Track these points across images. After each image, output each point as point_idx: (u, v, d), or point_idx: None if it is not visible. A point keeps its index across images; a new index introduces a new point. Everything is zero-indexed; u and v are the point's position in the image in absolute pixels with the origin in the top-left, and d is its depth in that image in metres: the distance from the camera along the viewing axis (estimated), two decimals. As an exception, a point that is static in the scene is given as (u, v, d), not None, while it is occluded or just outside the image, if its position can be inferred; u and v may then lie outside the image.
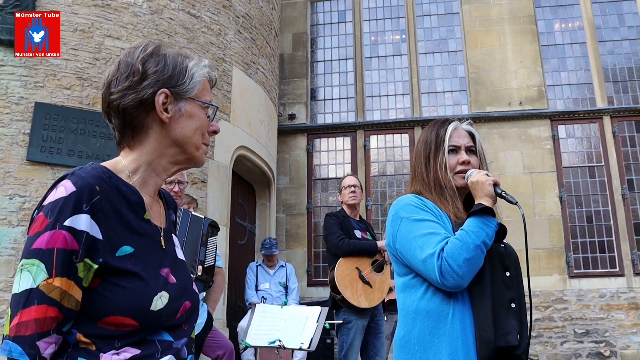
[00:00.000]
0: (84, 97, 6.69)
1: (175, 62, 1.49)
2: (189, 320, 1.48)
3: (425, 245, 2.07)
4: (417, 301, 2.11)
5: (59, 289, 1.24)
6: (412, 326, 2.09)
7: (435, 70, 11.32)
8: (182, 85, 1.47)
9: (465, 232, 2.05)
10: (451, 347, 2.00)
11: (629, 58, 10.87)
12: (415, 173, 2.35)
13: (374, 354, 5.44)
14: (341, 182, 5.84)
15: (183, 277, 1.49)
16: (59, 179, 1.35)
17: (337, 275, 5.23)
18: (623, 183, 10.05)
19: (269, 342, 4.73)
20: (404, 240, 2.14)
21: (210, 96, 1.55)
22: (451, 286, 2.01)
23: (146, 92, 1.43)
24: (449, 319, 2.03)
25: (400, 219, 2.18)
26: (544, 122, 10.48)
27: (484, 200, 2.14)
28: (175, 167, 1.53)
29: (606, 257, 9.85)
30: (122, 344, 1.30)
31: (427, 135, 2.36)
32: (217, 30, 8.28)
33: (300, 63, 11.59)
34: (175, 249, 1.56)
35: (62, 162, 6.39)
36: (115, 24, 7.04)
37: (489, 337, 1.97)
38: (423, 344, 2.05)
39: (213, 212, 7.64)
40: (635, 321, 9.38)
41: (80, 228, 1.27)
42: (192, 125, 1.48)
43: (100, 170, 1.38)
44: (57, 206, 1.28)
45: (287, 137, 11.07)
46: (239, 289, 8.48)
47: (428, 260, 2.03)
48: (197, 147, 1.50)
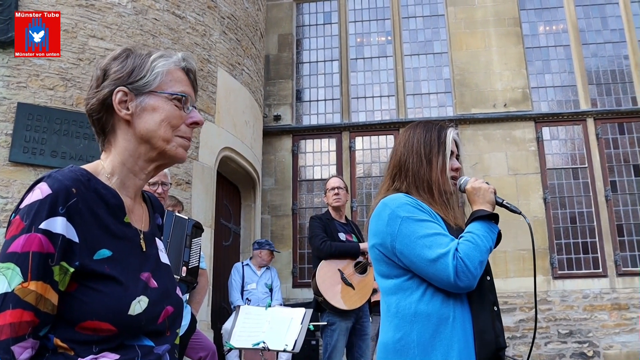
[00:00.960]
0: (67, 97, 6.64)
1: (137, 59, 1.46)
2: (172, 327, 1.46)
3: (434, 245, 2.02)
4: (415, 304, 2.06)
5: (35, 292, 1.22)
6: (410, 329, 2.04)
7: (420, 72, 11.35)
8: (142, 80, 1.44)
9: (477, 235, 2.05)
10: (455, 350, 1.98)
11: (612, 61, 10.96)
12: (406, 171, 2.27)
13: (359, 356, 5.44)
14: (326, 184, 5.82)
15: (165, 281, 1.47)
16: (36, 182, 1.33)
17: (318, 278, 5.24)
18: (606, 185, 10.12)
19: (253, 344, 4.72)
20: (407, 240, 2.06)
21: (184, 87, 1.50)
22: (464, 287, 1.99)
23: (104, 92, 1.43)
24: (449, 322, 2.01)
25: (399, 218, 2.10)
26: (529, 124, 10.54)
27: (485, 207, 2.14)
28: (151, 165, 1.49)
29: (590, 258, 9.92)
30: (100, 349, 1.28)
31: (425, 135, 2.29)
32: (202, 31, 8.25)
33: (286, 64, 11.58)
34: (158, 252, 1.53)
35: (45, 163, 6.33)
36: (99, 24, 7.00)
37: (490, 340, 1.98)
38: (424, 348, 2.00)
39: (198, 213, 7.61)
40: (618, 322, 9.45)
41: (56, 231, 1.25)
42: (156, 118, 1.44)
43: (78, 172, 1.36)
44: (32, 209, 1.27)
45: (272, 139, 11.05)
46: (223, 291, 8.44)
47: (440, 260, 1.99)
48: (165, 140, 1.45)
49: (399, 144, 2.37)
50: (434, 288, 2.06)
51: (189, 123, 1.50)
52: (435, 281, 2.03)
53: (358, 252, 5.40)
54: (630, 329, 9.39)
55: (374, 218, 2.22)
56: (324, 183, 6.06)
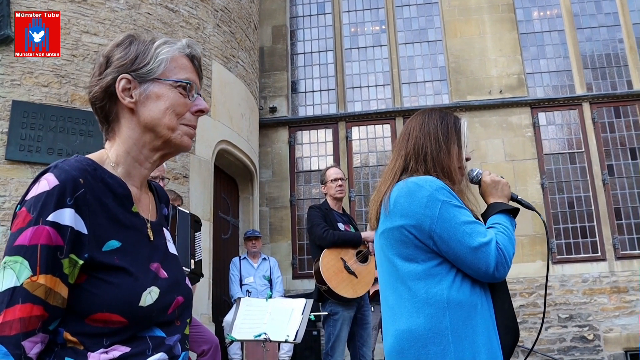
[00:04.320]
0: (62, 94, 6.61)
1: (141, 45, 1.44)
2: (181, 316, 1.44)
3: (475, 233, 2.01)
4: (446, 290, 2.01)
5: (44, 286, 1.21)
6: (443, 316, 1.99)
7: (415, 60, 11.33)
8: (145, 67, 1.41)
9: (507, 227, 2.06)
10: (485, 337, 1.98)
11: (606, 45, 10.95)
12: (424, 155, 2.22)
13: (361, 345, 5.44)
14: (325, 174, 5.77)
15: (175, 271, 1.45)
16: (42, 172, 1.31)
17: (322, 266, 5.22)
18: (603, 169, 10.13)
19: (254, 335, 4.73)
20: (448, 225, 2.02)
21: (189, 74, 1.47)
22: (499, 277, 2.00)
23: (107, 80, 1.40)
24: (478, 310, 2.01)
25: (439, 201, 2.05)
26: (525, 109, 10.54)
27: (503, 200, 2.16)
28: (156, 153, 1.47)
29: (588, 243, 9.93)
30: (110, 342, 1.27)
31: (443, 122, 2.28)
32: (195, 24, 8.22)
33: (280, 56, 11.54)
34: (166, 243, 1.51)
35: (41, 160, 6.31)
36: (92, 19, 6.96)
37: (515, 327, 2.01)
38: (458, 334, 1.97)
39: (196, 207, 7.60)
40: (618, 305, 9.48)
41: (64, 223, 1.24)
42: (160, 106, 1.41)
43: (84, 162, 1.34)
44: (39, 201, 1.24)
45: (268, 131, 11.03)
46: (224, 284, 8.45)
47: (483, 249, 1.98)
48: (170, 128, 1.42)
49: (413, 128, 2.31)
50: (462, 275, 2.04)
51: (194, 111, 1.47)
52: (471, 269, 2.02)
53: (360, 241, 5.40)
54: (629, 311, 9.42)
55: (404, 197, 2.13)
56: (321, 174, 6.02)
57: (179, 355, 1.40)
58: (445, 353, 1.96)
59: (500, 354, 1.99)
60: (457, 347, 1.95)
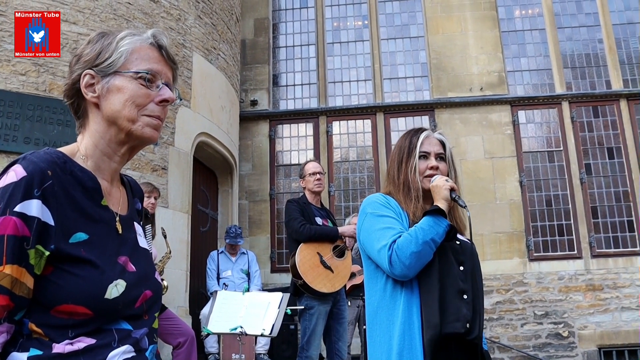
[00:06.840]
0: (40, 83, 6.54)
1: (106, 40, 1.45)
2: (150, 310, 1.44)
3: (382, 237, 2.32)
4: (380, 290, 2.36)
5: (10, 276, 1.21)
6: (378, 307, 2.35)
7: (397, 56, 11.35)
8: (107, 61, 1.41)
9: (418, 228, 2.27)
10: (401, 330, 2.23)
11: (586, 44, 11.04)
12: (389, 176, 2.58)
13: (337, 339, 5.46)
14: (303, 168, 5.77)
15: (144, 265, 1.45)
16: (10, 164, 1.31)
17: (298, 261, 5.22)
18: (581, 167, 10.23)
19: (230, 328, 4.73)
20: (365, 233, 2.41)
21: (151, 65, 1.46)
22: (399, 275, 2.26)
23: (73, 76, 1.42)
24: (397, 305, 2.28)
25: (365, 214, 2.45)
26: (505, 107, 10.60)
27: (440, 203, 2.36)
28: (123, 147, 1.46)
29: (565, 240, 10.03)
30: (76, 334, 1.27)
31: (402, 143, 2.57)
32: (176, 15, 8.16)
33: (262, 49, 11.50)
34: (137, 237, 1.51)
35: (18, 149, 6.24)
36: (71, 8, 6.88)
37: (435, 323, 2.17)
38: (381, 326, 2.32)
39: (174, 199, 7.57)
40: (593, 302, 9.58)
41: (31, 214, 1.24)
42: (120, 99, 1.40)
43: (54, 155, 1.34)
44: (7, 192, 1.24)
45: (249, 124, 10.99)
46: (201, 277, 8.42)
47: (381, 251, 2.29)
48: (130, 120, 1.41)
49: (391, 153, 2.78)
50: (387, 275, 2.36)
51: (158, 101, 1.45)
52: (381, 268, 2.34)
53: (337, 235, 5.40)
54: (604, 309, 9.53)
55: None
56: (300, 168, 6.03)
57: (146, 349, 1.40)
58: (373, 336, 2.34)
59: (419, 346, 2.19)
60: (382, 338, 2.29)
